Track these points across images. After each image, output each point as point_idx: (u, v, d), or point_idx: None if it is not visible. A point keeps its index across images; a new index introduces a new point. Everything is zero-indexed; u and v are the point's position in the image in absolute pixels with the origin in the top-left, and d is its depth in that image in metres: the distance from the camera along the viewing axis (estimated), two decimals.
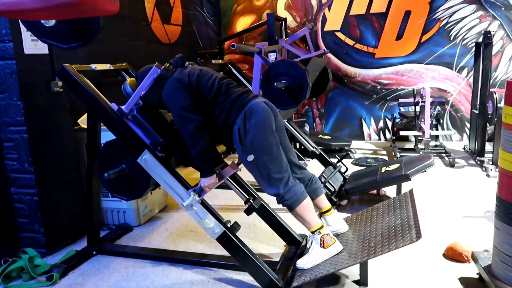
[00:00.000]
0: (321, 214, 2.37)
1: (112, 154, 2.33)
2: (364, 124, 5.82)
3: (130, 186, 2.33)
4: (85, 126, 2.69)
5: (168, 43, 4.84)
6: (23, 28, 2.50)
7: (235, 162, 2.37)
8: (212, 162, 2.16)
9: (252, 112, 2.08)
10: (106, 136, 2.76)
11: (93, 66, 2.57)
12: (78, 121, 3.06)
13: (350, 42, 5.66)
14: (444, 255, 2.49)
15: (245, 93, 2.19)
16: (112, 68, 2.74)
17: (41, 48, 2.65)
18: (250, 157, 2.08)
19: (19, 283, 2.39)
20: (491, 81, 4.54)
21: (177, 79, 2.11)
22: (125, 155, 2.27)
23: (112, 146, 2.33)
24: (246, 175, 2.33)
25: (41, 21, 2.04)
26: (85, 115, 2.81)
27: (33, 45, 2.60)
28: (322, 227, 2.16)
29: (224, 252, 2.23)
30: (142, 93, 2.15)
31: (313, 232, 2.15)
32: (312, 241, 2.18)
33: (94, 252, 2.70)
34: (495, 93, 4.01)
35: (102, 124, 2.64)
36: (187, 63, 2.30)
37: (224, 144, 2.39)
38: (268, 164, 2.08)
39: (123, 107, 2.21)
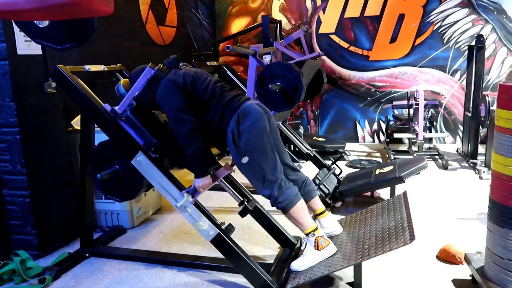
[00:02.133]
0: (315, 216, 2.37)
1: (105, 155, 2.31)
2: (358, 126, 5.85)
3: (123, 187, 2.32)
4: (79, 128, 2.68)
5: (162, 44, 4.83)
6: (16, 28, 2.49)
7: (229, 164, 2.36)
8: (206, 162, 2.16)
9: (246, 114, 2.09)
10: (100, 137, 2.75)
11: (87, 67, 2.56)
12: (72, 122, 3.05)
13: (344, 44, 5.68)
14: (437, 257, 2.50)
15: (238, 96, 2.20)
16: (106, 69, 2.73)
17: (35, 48, 2.64)
18: (245, 159, 2.09)
19: (10, 286, 2.37)
20: (483, 84, 4.57)
21: (172, 80, 2.11)
22: (118, 156, 2.26)
23: (105, 146, 2.32)
24: (240, 177, 2.33)
25: (35, 21, 2.03)
26: (79, 116, 2.79)
27: (26, 46, 2.58)
28: (316, 229, 2.16)
29: (218, 254, 2.23)
30: (136, 93, 2.14)
31: (307, 234, 2.15)
32: (306, 243, 2.18)
33: (87, 255, 2.68)
34: (488, 96, 4.05)
35: (95, 125, 2.63)
36: (181, 64, 2.29)
37: (218, 147, 2.38)
38: (263, 166, 2.09)
39: (116, 108, 2.20)
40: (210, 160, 2.22)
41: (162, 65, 2.15)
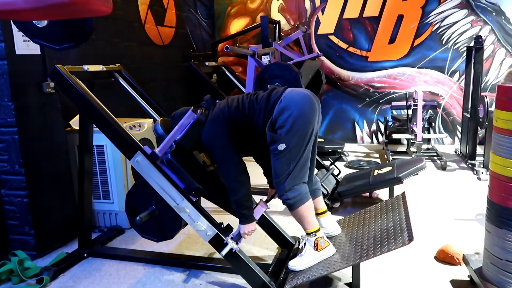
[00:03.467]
0: (316, 216, 2.36)
1: (140, 195, 2.28)
2: (357, 127, 5.85)
3: (160, 227, 2.28)
4: (77, 128, 2.67)
5: (161, 44, 4.82)
6: (14, 28, 2.48)
7: (263, 200, 2.35)
8: (251, 208, 2.16)
9: (289, 100, 2.01)
10: (99, 137, 2.75)
11: (85, 67, 2.56)
12: (70, 122, 3.04)
13: (343, 45, 5.69)
14: (435, 257, 2.50)
15: (275, 88, 2.15)
16: (104, 69, 2.72)
17: (33, 48, 2.63)
18: (282, 146, 1.99)
19: (8, 286, 2.36)
20: (482, 85, 4.58)
21: (214, 120, 2.08)
22: (154, 195, 2.21)
23: (140, 187, 2.28)
24: None
25: (33, 21, 2.03)
26: (77, 116, 2.79)
27: (25, 46, 2.58)
28: (318, 230, 2.15)
29: (217, 255, 2.23)
30: (177, 137, 2.10)
31: (308, 234, 2.15)
32: (305, 243, 2.17)
33: (85, 255, 2.68)
34: (486, 97, 4.06)
35: (94, 125, 2.63)
36: (217, 101, 2.25)
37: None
38: (296, 157, 2.01)
39: (156, 150, 2.16)
40: (253, 204, 2.22)
41: (204, 109, 2.12)
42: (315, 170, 3.67)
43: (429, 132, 5.10)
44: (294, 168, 2.03)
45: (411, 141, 4.91)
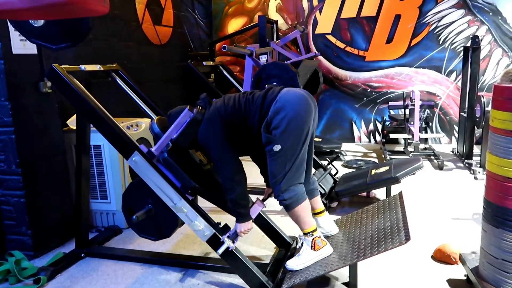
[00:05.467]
0: (313, 215, 2.37)
1: (137, 195, 2.27)
2: (355, 127, 5.86)
3: (157, 226, 2.28)
4: (74, 127, 2.67)
5: (159, 44, 4.82)
6: (11, 28, 2.47)
7: (260, 199, 2.34)
8: (248, 206, 2.16)
9: (285, 101, 2.01)
10: (96, 137, 2.75)
11: (82, 66, 2.55)
12: (67, 122, 3.03)
13: (341, 45, 5.69)
14: (432, 257, 2.51)
15: (271, 88, 2.14)
16: (102, 69, 2.71)
17: (30, 48, 2.62)
18: (277, 147, 1.99)
19: (5, 286, 2.36)
20: (479, 85, 4.60)
21: (210, 119, 2.07)
22: (151, 195, 2.20)
23: (136, 186, 2.27)
24: None
25: (30, 21, 2.02)
26: (74, 116, 2.78)
27: (21, 45, 2.57)
28: (315, 229, 2.15)
29: (214, 255, 2.23)
30: (174, 136, 2.09)
31: (305, 234, 2.15)
32: (303, 243, 2.18)
33: (82, 255, 2.68)
34: (483, 97, 4.07)
35: (91, 125, 2.63)
36: (214, 100, 2.25)
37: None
38: (291, 158, 2.01)
39: (152, 149, 2.15)
40: (249, 202, 2.23)
41: (200, 107, 2.11)
42: (313, 170, 3.69)
43: (426, 132, 5.11)
44: (290, 169, 2.02)
45: (409, 140, 4.93)
